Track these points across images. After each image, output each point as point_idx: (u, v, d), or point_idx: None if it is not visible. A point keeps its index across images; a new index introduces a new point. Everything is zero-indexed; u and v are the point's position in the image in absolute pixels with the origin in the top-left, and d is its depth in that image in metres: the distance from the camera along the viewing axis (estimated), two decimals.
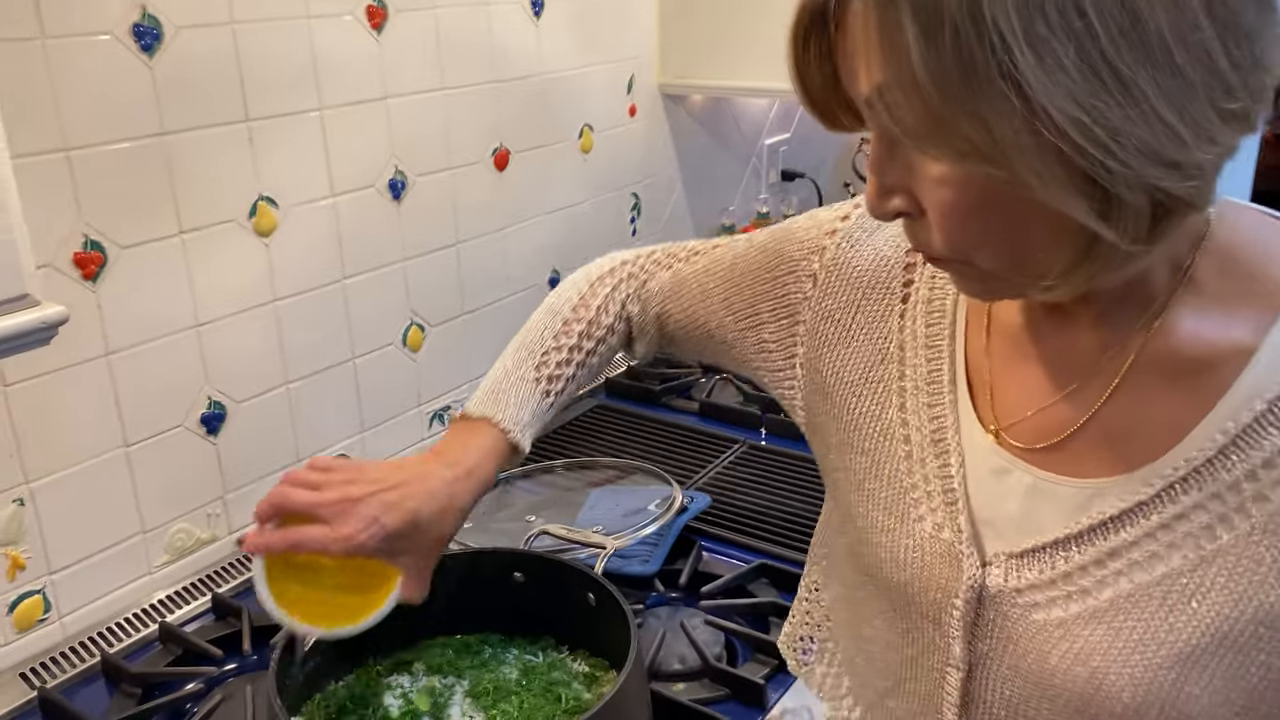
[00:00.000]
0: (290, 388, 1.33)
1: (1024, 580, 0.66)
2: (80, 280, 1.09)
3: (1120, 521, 0.63)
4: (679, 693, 1.05)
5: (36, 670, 1.10)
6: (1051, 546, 0.65)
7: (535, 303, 1.68)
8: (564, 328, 0.94)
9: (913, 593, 0.71)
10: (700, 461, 1.52)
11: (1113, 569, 0.63)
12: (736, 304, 0.87)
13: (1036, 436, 0.67)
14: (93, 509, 1.15)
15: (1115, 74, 0.48)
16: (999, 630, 0.67)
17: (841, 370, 0.78)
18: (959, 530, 0.69)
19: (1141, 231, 0.53)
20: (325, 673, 0.97)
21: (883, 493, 0.74)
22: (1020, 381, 0.69)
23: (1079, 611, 0.64)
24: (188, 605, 1.21)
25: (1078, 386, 0.66)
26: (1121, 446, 0.64)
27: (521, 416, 0.89)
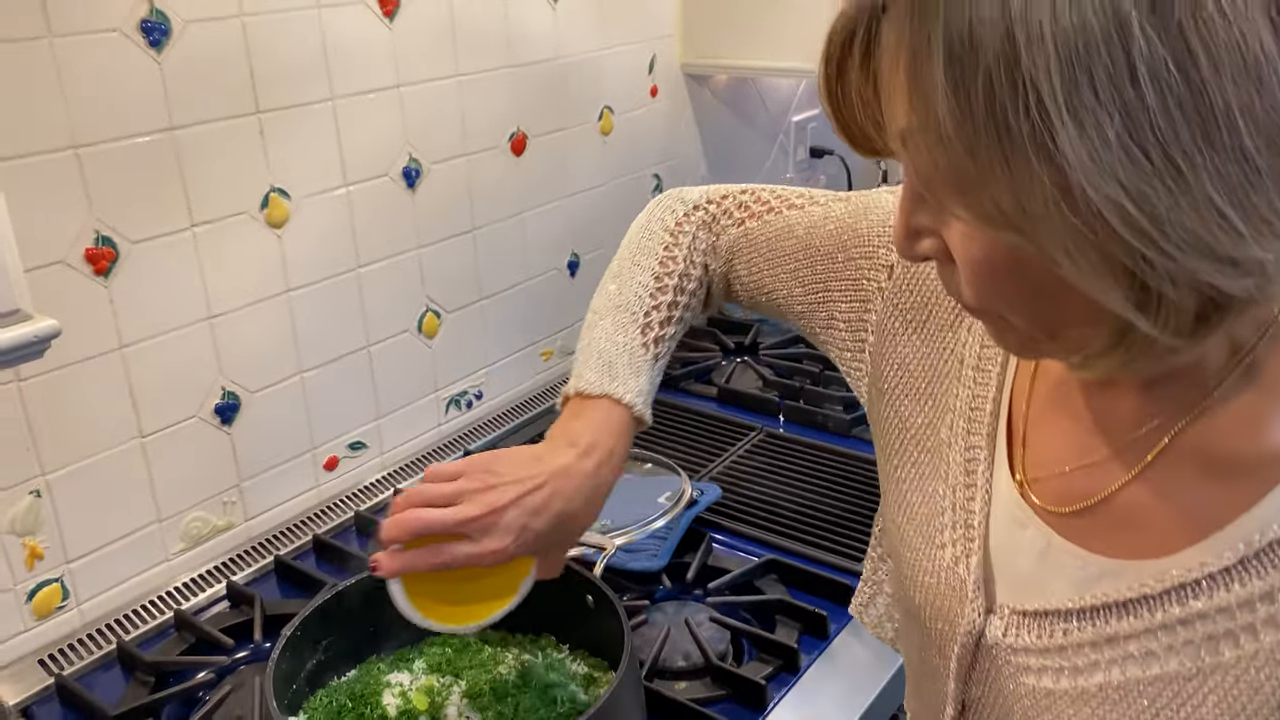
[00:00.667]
0: (304, 377, 1.34)
1: (1021, 641, 0.64)
2: (92, 276, 1.10)
3: (1124, 609, 0.59)
4: (680, 691, 1.06)
5: (55, 657, 1.12)
6: (1054, 615, 0.62)
7: (554, 288, 1.70)
8: (658, 284, 0.90)
9: (924, 618, 0.70)
10: (716, 449, 1.52)
11: (1108, 655, 0.60)
12: (808, 278, 0.83)
13: (1058, 498, 0.64)
14: (109, 499, 1.17)
15: (1166, 155, 0.42)
16: (991, 680, 0.66)
17: (905, 373, 0.75)
18: (970, 571, 0.67)
19: (1184, 327, 0.48)
20: (329, 668, 0.99)
21: (920, 509, 0.72)
22: (1052, 436, 0.66)
23: (1068, 688, 0.61)
24: (204, 592, 1.23)
25: (1108, 456, 0.61)
26: (1138, 532, 0.60)
27: (641, 386, 0.85)
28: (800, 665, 1.09)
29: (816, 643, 1.12)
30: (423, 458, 1.51)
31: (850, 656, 1.11)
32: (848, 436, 1.54)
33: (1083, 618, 0.61)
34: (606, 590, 0.94)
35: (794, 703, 1.05)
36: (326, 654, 0.98)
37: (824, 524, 1.32)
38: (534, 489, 0.78)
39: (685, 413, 1.63)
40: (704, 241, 0.92)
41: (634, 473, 1.33)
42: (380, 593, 0.99)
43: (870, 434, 0.80)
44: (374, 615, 1.00)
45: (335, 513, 1.39)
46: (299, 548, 1.32)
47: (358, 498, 1.42)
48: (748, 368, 1.78)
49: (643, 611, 1.16)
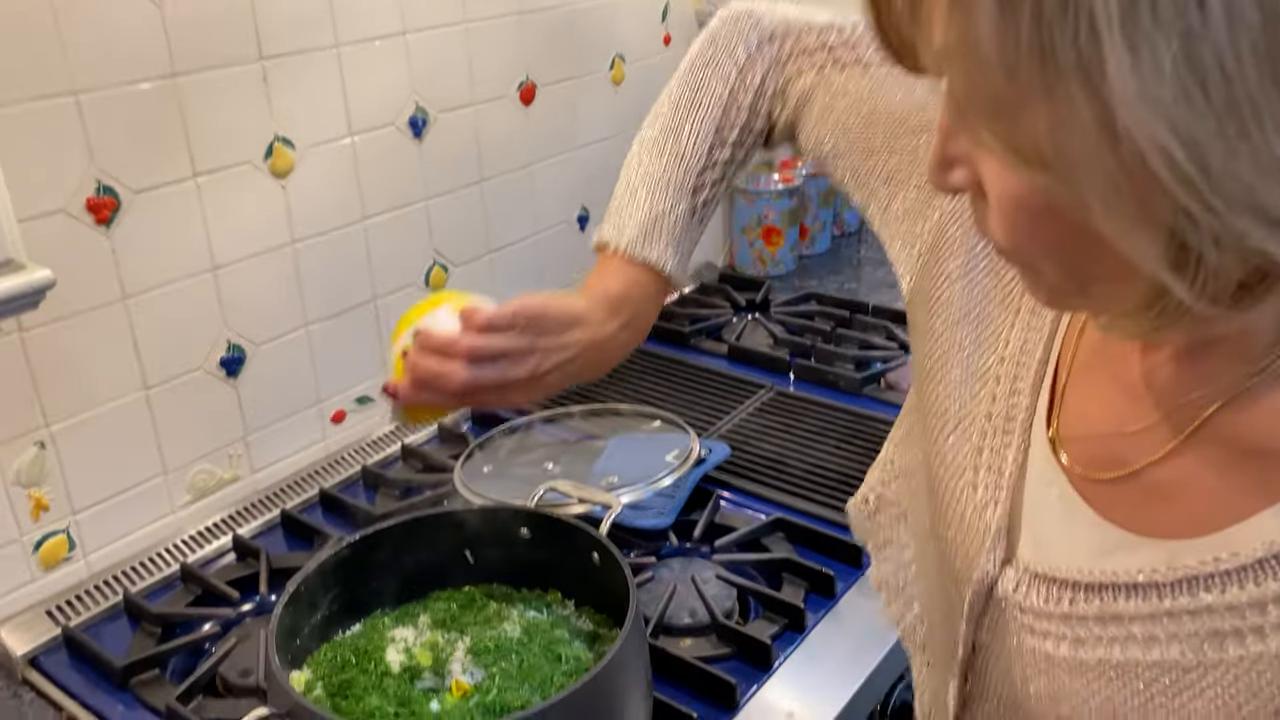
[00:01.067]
0: (310, 329, 1.33)
1: (1029, 601, 0.62)
2: (94, 226, 1.09)
3: (1131, 590, 0.57)
4: (685, 649, 1.05)
5: (62, 607, 1.13)
6: (1064, 583, 0.61)
7: (564, 240, 1.67)
8: (718, 136, 0.85)
9: (944, 549, 0.69)
10: (725, 407, 1.50)
11: (1110, 632, 0.58)
12: (880, 152, 0.77)
13: (1087, 462, 0.61)
14: (114, 451, 1.17)
15: (1228, 96, 0.37)
16: (998, 631, 0.65)
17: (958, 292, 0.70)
18: (994, 520, 0.65)
19: (1224, 295, 0.43)
20: (334, 622, 0.98)
21: (956, 440, 0.68)
22: (1090, 396, 0.63)
23: (1067, 657, 0.60)
24: (210, 545, 1.23)
25: (1143, 428, 0.58)
26: (1161, 510, 0.57)
27: (685, 253, 0.86)
28: (806, 624, 1.08)
29: (823, 602, 1.12)
30: None
31: (857, 616, 1.10)
32: (859, 395, 1.52)
33: (1090, 591, 0.59)
34: (612, 548, 0.93)
35: (799, 662, 1.04)
36: (331, 609, 0.97)
37: (833, 483, 1.31)
38: (573, 357, 0.80)
39: (695, 370, 1.61)
40: (774, 85, 0.85)
41: (642, 430, 1.32)
42: (385, 549, 0.99)
43: (878, 393, 0.78)
44: (379, 571, 1.00)
45: (342, 467, 1.38)
46: (305, 501, 1.32)
47: (365, 452, 1.41)
48: (758, 325, 1.76)
49: (649, 569, 1.16)
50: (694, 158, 0.85)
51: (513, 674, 0.90)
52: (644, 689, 0.89)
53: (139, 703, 1.02)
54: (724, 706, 0.99)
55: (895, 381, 1.57)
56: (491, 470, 1.28)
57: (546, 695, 0.87)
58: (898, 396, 1.52)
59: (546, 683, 0.89)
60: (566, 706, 0.78)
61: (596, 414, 1.38)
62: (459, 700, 0.88)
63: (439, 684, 0.90)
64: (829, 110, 0.81)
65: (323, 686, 0.90)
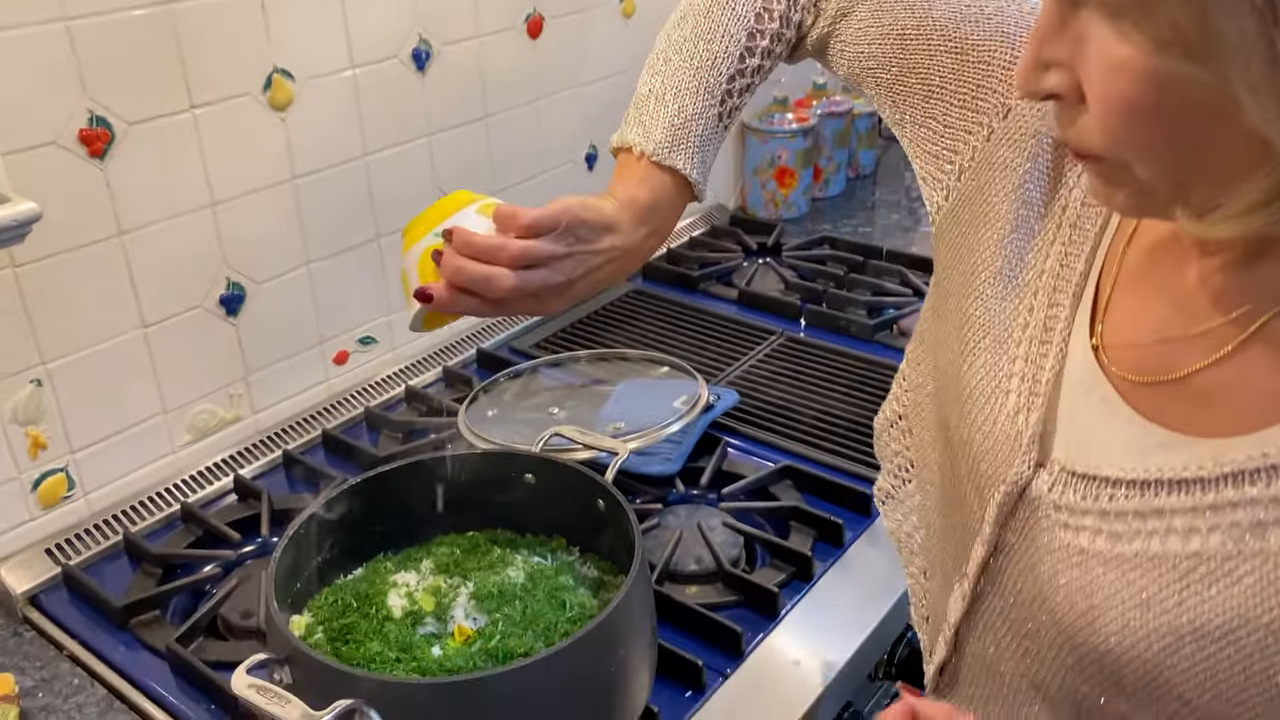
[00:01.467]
0: (311, 268, 1.30)
1: (1065, 499, 0.64)
2: (87, 158, 1.06)
3: (1176, 486, 0.59)
4: (691, 596, 1.04)
5: (62, 546, 1.12)
6: (1103, 481, 0.62)
7: (571, 179, 1.63)
8: (750, 42, 0.83)
9: (973, 454, 0.70)
10: (735, 353, 1.48)
11: (1150, 526, 0.60)
12: (924, 68, 0.76)
13: (1132, 368, 0.63)
14: (112, 389, 1.15)
15: None
16: (1026, 530, 0.66)
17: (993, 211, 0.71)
18: (1029, 425, 0.66)
19: None
20: (335, 566, 0.97)
21: (989, 353, 0.70)
22: (1137, 306, 0.64)
23: (1103, 550, 0.62)
24: (211, 486, 1.22)
25: (1192, 336, 0.60)
26: (1206, 410, 0.59)
27: (708, 159, 0.85)
28: (814, 573, 1.06)
29: (831, 550, 1.10)
30: (436, 353, 1.47)
31: (865, 565, 1.09)
32: (870, 342, 1.50)
33: (1132, 488, 0.60)
34: (617, 495, 0.91)
35: (806, 610, 1.03)
36: (332, 552, 0.96)
37: (843, 431, 1.29)
38: (605, 263, 0.80)
39: (704, 315, 1.58)
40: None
41: (650, 376, 1.30)
42: (387, 492, 0.98)
43: (891, 340, 0.79)
44: (381, 514, 0.98)
45: (345, 408, 1.36)
46: (308, 442, 1.30)
47: (368, 393, 1.39)
48: (769, 269, 1.73)
49: (655, 515, 1.14)
50: (726, 63, 0.82)
51: (516, 620, 0.88)
52: (649, 636, 0.88)
53: (139, 643, 1.01)
54: (730, 654, 0.97)
55: (909, 328, 1.54)
56: (496, 414, 1.26)
57: (550, 642, 0.86)
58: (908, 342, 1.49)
59: (550, 629, 0.87)
60: (570, 654, 0.76)
61: (603, 359, 1.35)
62: (461, 645, 0.87)
63: (441, 629, 0.89)
64: (871, 24, 0.79)
65: (323, 631, 0.89)
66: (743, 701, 0.93)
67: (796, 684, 0.95)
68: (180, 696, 0.95)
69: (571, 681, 0.78)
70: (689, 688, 0.94)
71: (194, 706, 0.94)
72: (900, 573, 1.07)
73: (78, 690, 0.97)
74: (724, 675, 0.95)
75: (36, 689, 0.97)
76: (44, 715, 0.94)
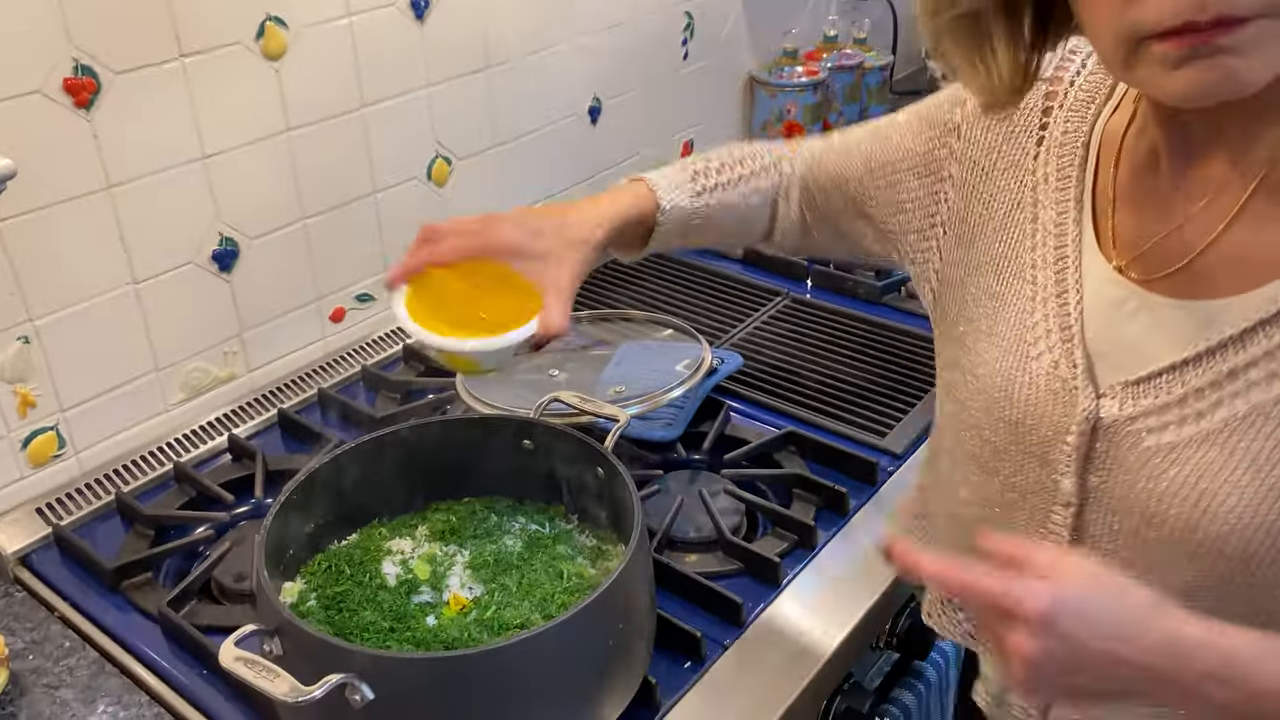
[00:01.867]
0: (307, 223, 1.27)
1: (1138, 407, 0.67)
2: (73, 109, 1.02)
3: (1240, 341, 0.62)
4: (691, 564, 1.02)
5: (53, 506, 1.10)
6: (1168, 371, 0.66)
7: (574, 133, 1.60)
8: (722, 152, 0.97)
9: (1023, 431, 0.72)
10: (738, 314, 1.45)
11: (1229, 390, 0.63)
12: (876, 160, 0.88)
13: (1158, 265, 0.67)
14: (103, 347, 1.12)
15: None
16: (1110, 461, 0.68)
17: (983, 216, 0.79)
18: (1074, 365, 0.70)
19: None
20: (329, 532, 0.95)
21: (1007, 335, 0.74)
22: (1143, 213, 0.69)
23: (1191, 434, 0.64)
24: (204, 445, 1.20)
25: (1201, 210, 0.66)
26: (1244, 266, 0.63)
27: (671, 181, 0.92)
28: (817, 543, 1.05)
29: (835, 519, 1.08)
30: None
31: (870, 536, 1.07)
32: (878, 304, 1.47)
33: (1199, 363, 0.64)
34: (617, 464, 0.89)
35: (808, 581, 1.01)
36: (326, 518, 0.94)
37: (849, 396, 1.26)
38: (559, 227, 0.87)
39: (707, 275, 1.55)
40: (783, 151, 0.98)
41: (653, 338, 1.27)
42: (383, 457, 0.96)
43: (899, 302, 0.96)
44: (376, 480, 0.96)
45: (341, 366, 1.34)
46: (303, 401, 1.28)
47: (365, 351, 1.37)
48: None
49: (655, 481, 1.12)
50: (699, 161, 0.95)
51: (512, 590, 0.87)
52: (648, 608, 0.86)
53: (131, 605, 1.00)
54: (730, 624, 0.96)
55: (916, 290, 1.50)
56: (495, 375, 1.23)
57: (547, 612, 0.85)
58: (919, 306, 1.45)
59: (547, 600, 0.86)
60: (567, 628, 0.75)
61: (606, 319, 1.32)
62: (456, 615, 0.85)
63: (436, 599, 0.87)
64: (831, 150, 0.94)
65: (316, 599, 0.87)
66: (742, 673, 0.92)
67: (797, 656, 0.93)
68: (172, 661, 0.94)
69: (568, 656, 0.76)
70: (688, 658, 0.92)
71: (186, 671, 0.93)
72: None
73: (69, 653, 0.96)
74: (723, 646, 0.94)
75: (27, 651, 0.96)
76: (34, 678, 0.93)
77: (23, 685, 0.92)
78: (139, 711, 0.90)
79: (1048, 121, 0.76)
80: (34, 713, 0.90)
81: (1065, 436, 0.69)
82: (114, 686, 0.92)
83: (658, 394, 1.12)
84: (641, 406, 1.10)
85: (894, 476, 1.14)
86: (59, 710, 0.90)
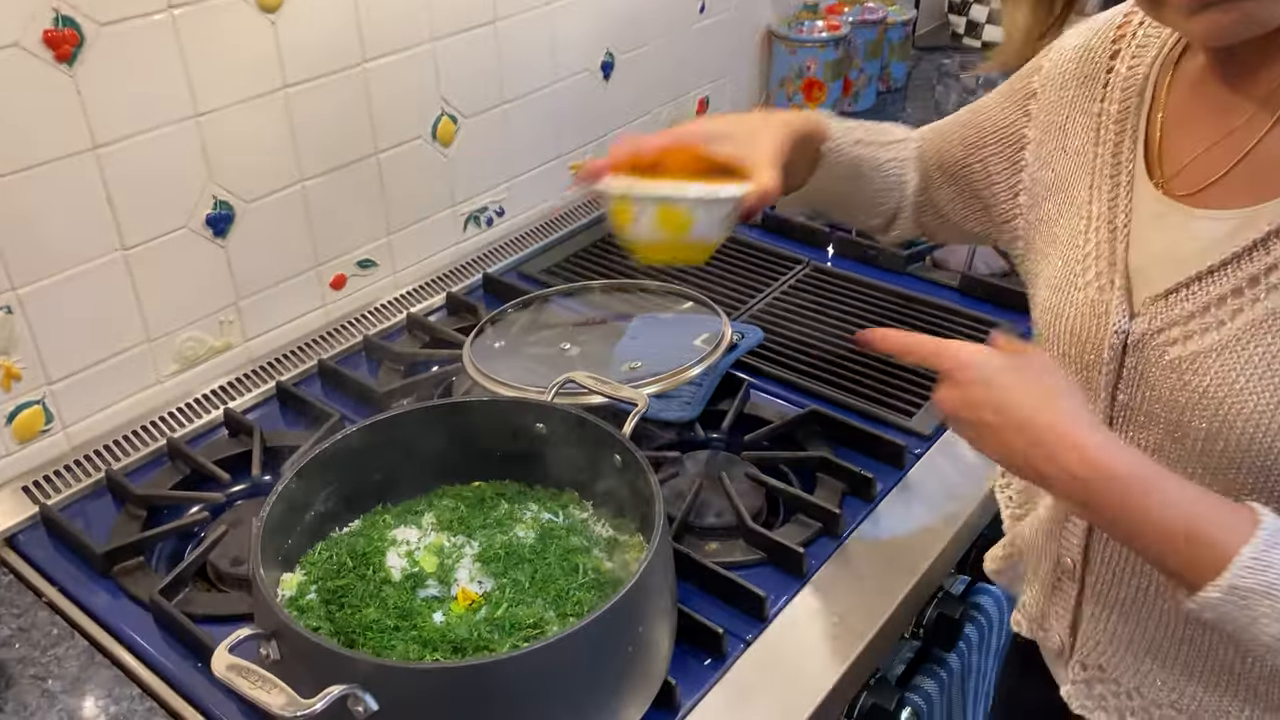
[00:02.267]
0: (305, 186, 1.20)
1: (1165, 320, 0.69)
2: (54, 63, 0.95)
3: (1263, 246, 0.64)
4: (710, 553, 0.97)
5: (40, 484, 1.05)
6: (1194, 280, 0.68)
7: (584, 90, 1.52)
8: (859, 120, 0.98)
9: (1070, 360, 0.76)
10: (757, 284, 1.39)
11: (1249, 296, 0.65)
12: (970, 134, 0.91)
13: (1198, 179, 0.70)
14: (91, 316, 1.06)
15: None
16: (1138, 377, 0.71)
17: (1061, 168, 0.82)
18: (1113, 287, 0.72)
19: None
20: (330, 518, 0.90)
21: (1060, 271, 0.78)
22: (1190, 131, 0.72)
23: (1213, 342, 0.66)
24: (199, 420, 1.14)
25: (1244, 123, 0.68)
26: (1269, 178, 0.66)
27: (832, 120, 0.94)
28: (842, 531, 0.99)
29: (861, 506, 1.03)
30: (439, 278, 1.39)
31: (899, 522, 1.02)
32: (902, 274, 1.40)
33: (1223, 271, 0.66)
34: (637, 453, 0.84)
35: (834, 572, 0.96)
36: (326, 504, 0.89)
37: (874, 374, 1.20)
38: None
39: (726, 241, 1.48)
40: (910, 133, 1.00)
41: (670, 311, 1.21)
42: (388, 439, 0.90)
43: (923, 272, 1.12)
44: (382, 462, 0.91)
45: (343, 336, 1.28)
46: (303, 373, 1.22)
47: (367, 320, 1.31)
48: None
49: (671, 463, 1.07)
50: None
51: (525, 585, 0.82)
52: (669, 606, 0.81)
53: (122, 591, 0.95)
54: (753, 618, 0.91)
55: (942, 260, 1.44)
56: (504, 346, 1.17)
57: (562, 610, 0.80)
58: (944, 276, 1.40)
59: (562, 596, 0.81)
60: (585, 634, 0.70)
61: (621, 289, 1.26)
62: (465, 611, 0.80)
63: (444, 592, 0.82)
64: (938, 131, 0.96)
65: (316, 592, 0.82)
66: (767, 671, 0.87)
67: (825, 653, 0.89)
68: (166, 652, 0.89)
69: (585, 664, 0.71)
70: (709, 655, 0.87)
71: (180, 664, 0.88)
72: (935, 531, 1.01)
73: (57, 641, 0.91)
74: (745, 642, 0.89)
75: (13, 639, 0.91)
76: (21, 668, 0.89)
77: (9, 675, 0.88)
78: (130, 706, 0.86)
79: (1114, 65, 0.79)
80: (20, 705, 0.86)
81: (1100, 355, 0.72)
82: (105, 678, 0.88)
83: (676, 372, 1.06)
84: (659, 386, 1.04)
85: (922, 460, 1.08)
86: (46, 703, 0.86)
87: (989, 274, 1.39)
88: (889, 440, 1.08)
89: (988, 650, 1.19)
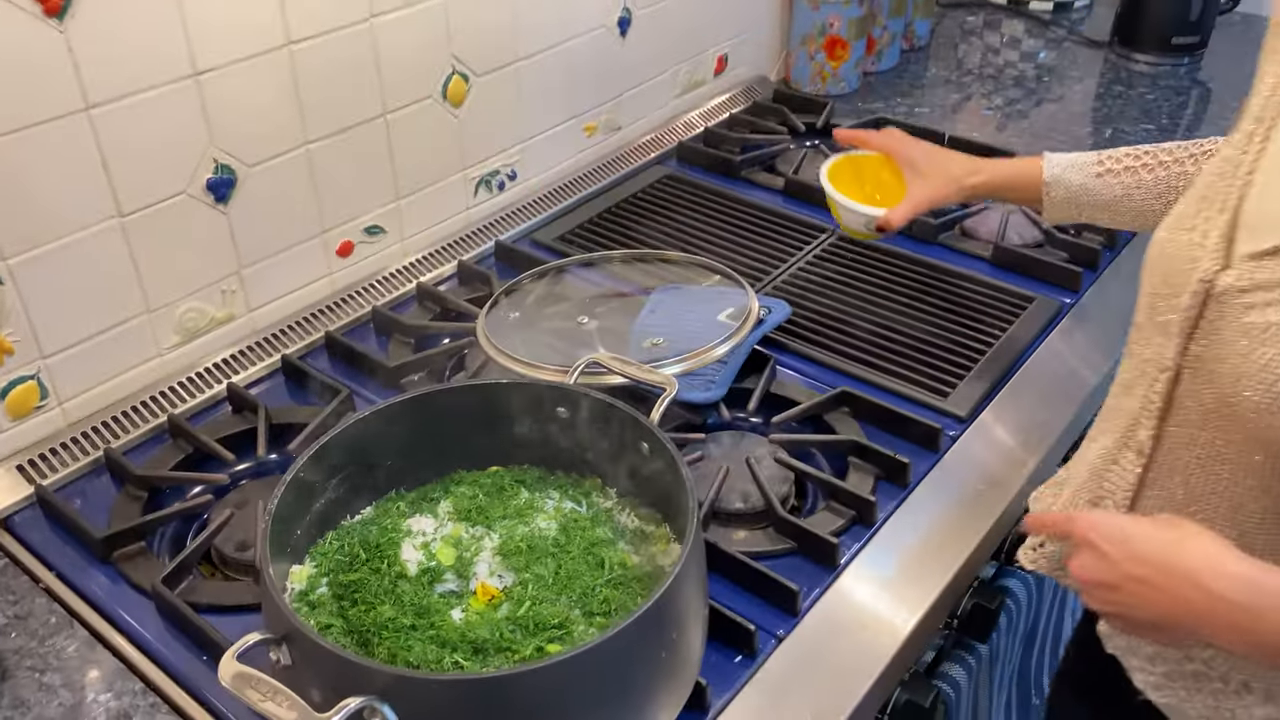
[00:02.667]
0: (310, 149, 1.14)
1: (1253, 280, 0.67)
2: (42, 17, 0.89)
3: None
4: (739, 542, 0.93)
5: (35, 462, 1.00)
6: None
7: (602, 47, 1.45)
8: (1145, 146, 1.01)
9: (1156, 300, 0.75)
10: (781, 253, 1.33)
11: None
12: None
13: None
14: (86, 287, 1.01)
15: None
16: (1212, 331, 0.69)
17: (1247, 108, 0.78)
18: (1213, 234, 0.70)
19: None
20: (342, 505, 0.86)
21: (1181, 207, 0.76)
22: None
23: None
24: (201, 394, 1.09)
25: None
26: None
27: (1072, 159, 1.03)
28: (876, 519, 0.95)
29: (896, 492, 0.98)
30: (449, 245, 1.33)
31: (934, 509, 0.97)
32: (932, 244, 1.35)
33: None
34: (666, 442, 0.79)
35: (869, 562, 0.92)
36: (338, 491, 0.84)
37: (906, 350, 1.15)
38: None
39: (745, 207, 1.43)
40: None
41: (695, 284, 1.15)
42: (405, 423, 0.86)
43: (954, 242, 1.25)
44: (397, 446, 0.86)
45: (350, 306, 1.23)
46: (309, 345, 1.17)
47: (375, 289, 1.25)
48: (820, 154, 1.56)
49: (696, 445, 1.02)
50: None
51: (548, 581, 0.77)
52: (701, 605, 0.77)
53: (123, 578, 0.90)
54: (785, 612, 0.87)
55: (973, 229, 1.38)
56: (519, 319, 1.12)
57: (588, 609, 0.76)
58: (975, 246, 1.34)
59: (588, 594, 0.76)
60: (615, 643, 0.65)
61: (642, 259, 1.20)
62: (485, 608, 0.76)
63: (463, 587, 0.78)
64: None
65: (328, 586, 0.78)
66: (801, 668, 0.83)
67: (861, 649, 0.85)
68: (170, 644, 0.85)
69: (616, 672, 0.67)
70: (739, 652, 0.83)
71: (184, 655, 0.84)
72: (974, 518, 0.96)
73: (55, 630, 0.87)
74: (777, 638, 0.85)
75: (10, 628, 0.87)
76: (18, 659, 0.85)
77: (6, 667, 0.84)
78: (133, 701, 0.82)
79: None
80: (17, 699, 0.82)
81: (1181, 300, 0.71)
82: (106, 671, 0.84)
83: (702, 351, 1.01)
84: (684, 365, 0.99)
85: (957, 444, 1.04)
86: (45, 697, 0.82)
87: (1021, 244, 1.34)
88: (923, 422, 1.03)
89: (1015, 634, 1.15)
